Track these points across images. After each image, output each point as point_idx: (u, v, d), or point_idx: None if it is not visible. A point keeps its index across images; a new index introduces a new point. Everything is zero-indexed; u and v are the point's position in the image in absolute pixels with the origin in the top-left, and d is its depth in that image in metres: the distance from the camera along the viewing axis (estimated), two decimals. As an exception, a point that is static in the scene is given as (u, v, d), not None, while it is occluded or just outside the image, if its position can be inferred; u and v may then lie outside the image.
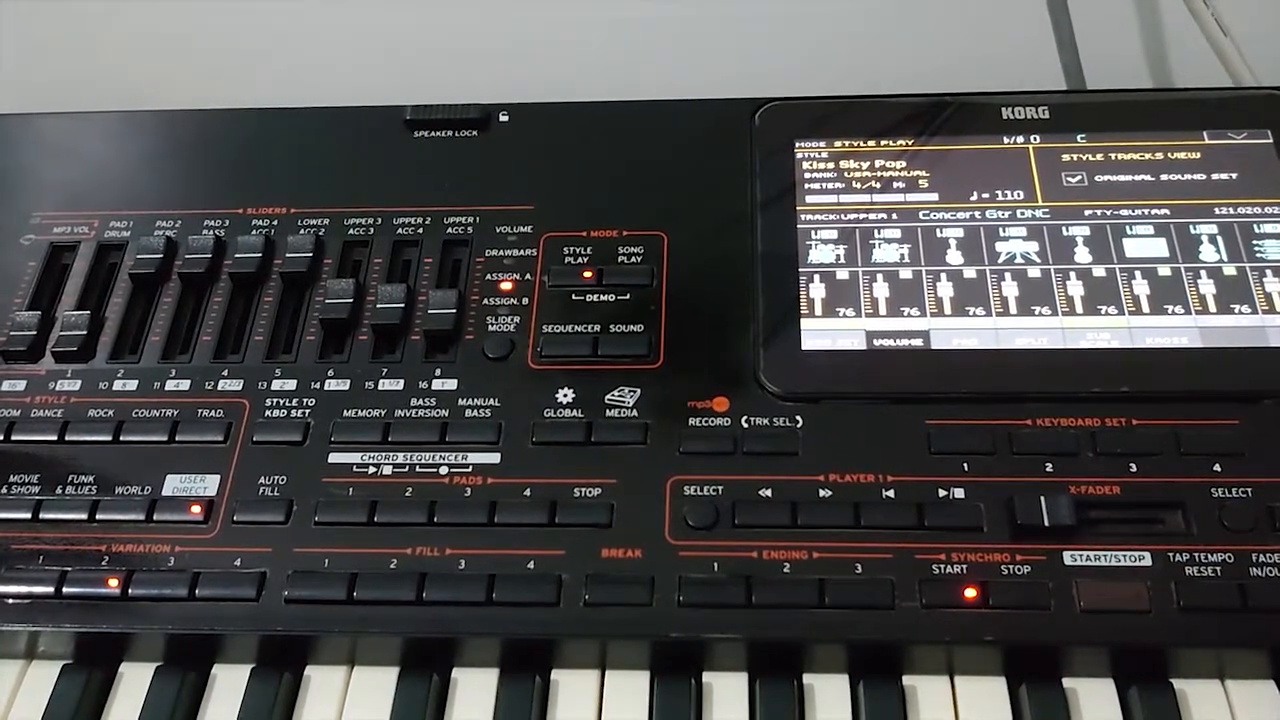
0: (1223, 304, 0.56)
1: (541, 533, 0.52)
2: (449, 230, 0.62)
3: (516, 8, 0.79)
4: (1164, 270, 0.58)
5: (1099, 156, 0.62)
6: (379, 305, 0.59)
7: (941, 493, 0.52)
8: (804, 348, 0.57)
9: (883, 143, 0.63)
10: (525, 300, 0.59)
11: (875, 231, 0.60)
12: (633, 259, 0.60)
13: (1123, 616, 0.49)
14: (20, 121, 0.69)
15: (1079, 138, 0.62)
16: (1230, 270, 0.58)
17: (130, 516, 0.54)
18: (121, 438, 0.56)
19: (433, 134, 0.66)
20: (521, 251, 0.61)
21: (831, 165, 0.63)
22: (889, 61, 0.78)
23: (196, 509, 0.54)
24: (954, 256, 0.59)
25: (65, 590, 0.52)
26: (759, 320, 0.58)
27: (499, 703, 0.50)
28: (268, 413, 0.56)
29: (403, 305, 0.59)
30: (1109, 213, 0.60)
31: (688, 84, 0.67)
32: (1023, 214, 0.60)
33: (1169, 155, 0.62)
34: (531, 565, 0.51)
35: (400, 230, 0.62)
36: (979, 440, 0.53)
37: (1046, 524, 0.50)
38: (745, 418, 0.55)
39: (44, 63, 0.83)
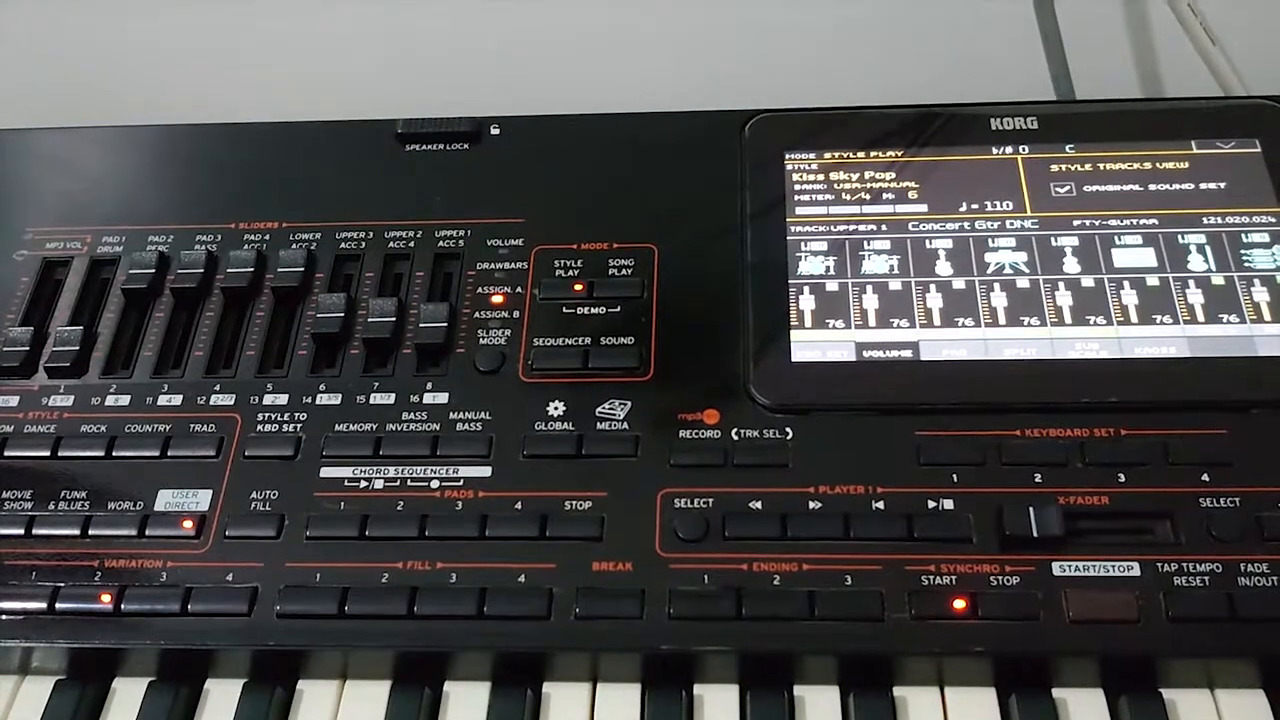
0: (1211, 314, 0.57)
1: (532, 546, 0.52)
2: (440, 244, 0.62)
3: (507, 21, 0.79)
4: (1152, 280, 0.58)
5: (1088, 167, 0.62)
6: (370, 319, 0.59)
7: (931, 504, 0.52)
8: (794, 359, 0.57)
9: (872, 154, 0.63)
10: (516, 313, 0.59)
11: (865, 243, 0.60)
12: (623, 271, 0.60)
13: (1112, 627, 0.49)
14: (13, 137, 0.69)
15: (1068, 148, 0.63)
16: (1218, 280, 0.58)
17: (122, 532, 0.54)
18: (114, 453, 0.56)
19: (424, 147, 0.66)
20: (512, 264, 0.61)
21: (821, 177, 0.63)
22: (879, 73, 0.78)
23: (188, 524, 0.54)
24: (943, 267, 0.59)
25: (58, 606, 0.52)
26: (749, 332, 0.58)
27: (490, 716, 0.50)
28: (259, 427, 0.57)
29: (394, 319, 0.59)
30: (1098, 223, 0.60)
31: (678, 96, 0.67)
32: (1012, 225, 0.60)
33: (1157, 165, 0.62)
34: (522, 579, 0.51)
35: (392, 244, 0.62)
36: (968, 451, 0.53)
37: (1035, 534, 0.50)
38: (735, 430, 0.55)
39: (36, 78, 0.83)
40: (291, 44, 0.81)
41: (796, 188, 0.62)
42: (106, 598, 0.52)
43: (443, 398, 0.57)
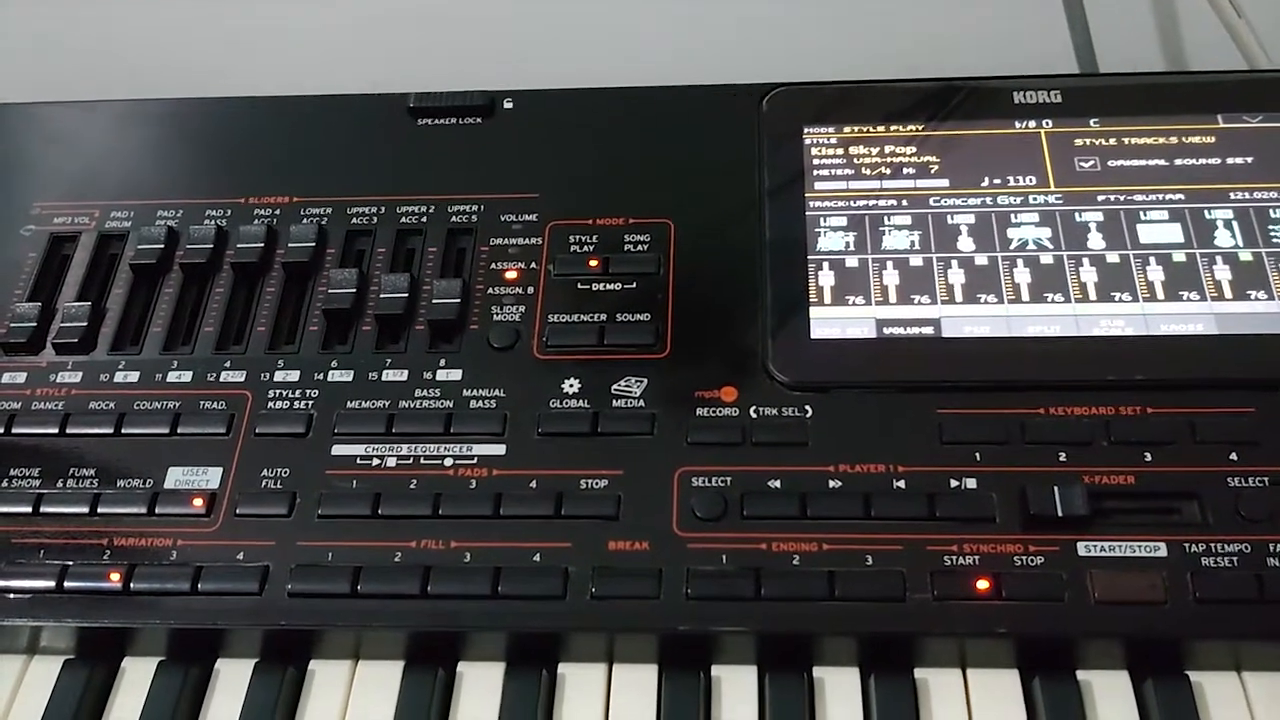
0: (1239, 290, 0.56)
1: (547, 525, 0.52)
2: (453, 219, 0.61)
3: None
4: (1179, 256, 0.57)
5: (1112, 141, 0.61)
6: (382, 295, 0.58)
7: (953, 483, 0.51)
8: (813, 336, 0.56)
9: (892, 128, 0.62)
10: (530, 289, 0.59)
11: (885, 218, 0.59)
12: (639, 247, 0.59)
13: (1138, 608, 0.48)
14: (20, 111, 0.68)
15: (1092, 122, 0.61)
16: (1246, 256, 0.57)
17: (132, 510, 0.53)
18: (123, 430, 0.55)
19: (436, 121, 0.65)
20: (527, 240, 0.60)
21: (841, 151, 0.62)
22: (899, 45, 0.77)
23: (199, 502, 0.53)
24: (965, 243, 0.58)
25: (66, 584, 0.52)
26: (767, 309, 0.57)
27: (505, 697, 0.50)
28: (270, 404, 0.56)
29: (406, 295, 0.58)
30: (1122, 198, 0.59)
31: (695, 69, 0.67)
32: (1035, 199, 0.59)
33: (1183, 139, 0.61)
34: (537, 558, 0.51)
35: (404, 219, 0.61)
36: (991, 429, 0.52)
37: (1060, 514, 0.50)
38: (754, 408, 0.54)
39: (44, 51, 0.83)
40: (302, 16, 0.80)
41: (815, 162, 0.61)
42: (115, 576, 0.51)
43: (456, 375, 0.56)
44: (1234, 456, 0.51)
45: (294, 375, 0.57)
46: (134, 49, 0.82)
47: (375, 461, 0.54)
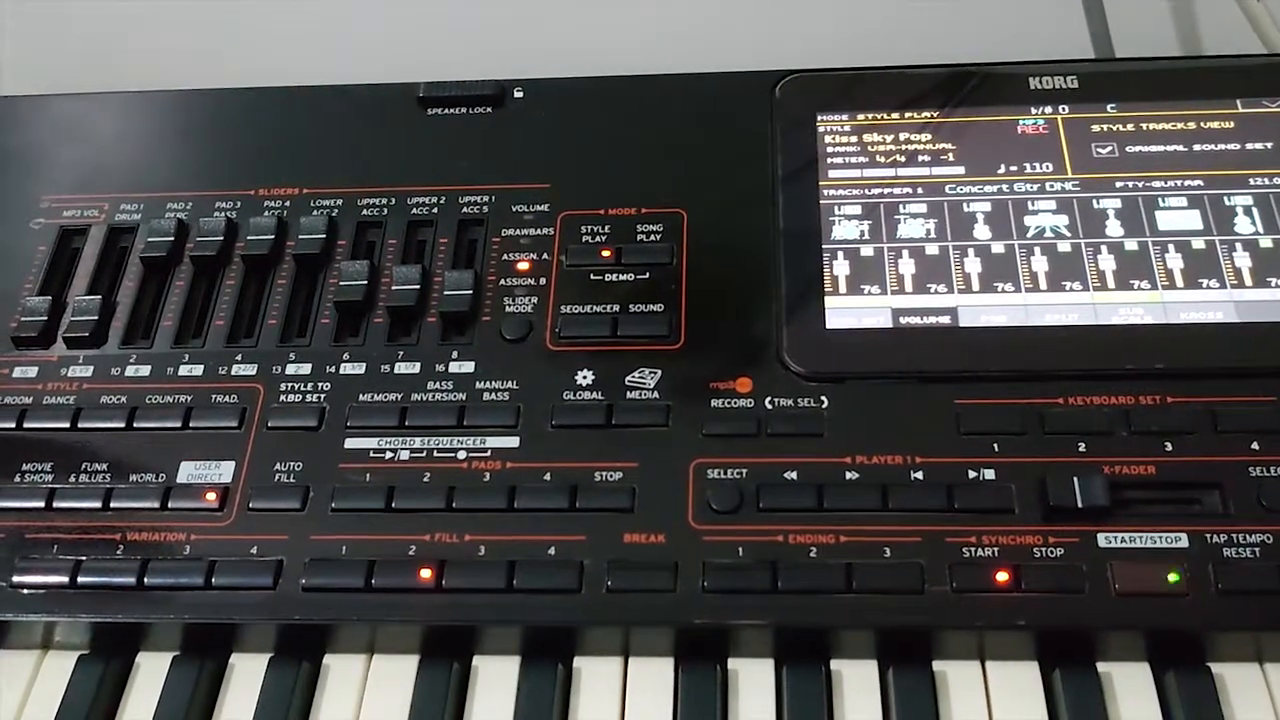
0: (1259, 277, 0.55)
1: (562, 518, 0.51)
2: (464, 210, 0.61)
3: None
4: (1198, 243, 0.56)
5: (1130, 127, 0.60)
6: (394, 287, 0.58)
7: (971, 474, 0.51)
8: (828, 326, 0.55)
9: (907, 115, 0.62)
10: (543, 280, 0.58)
11: (900, 206, 0.59)
12: (652, 237, 0.59)
13: (1159, 600, 0.48)
14: (29, 103, 0.68)
15: (1109, 108, 0.61)
16: (1266, 242, 0.56)
17: (145, 504, 0.53)
18: (135, 424, 0.55)
19: (447, 111, 0.64)
20: (538, 230, 0.60)
21: (855, 138, 0.61)
22: (913, 31, 0.76)
23: (212, 496, 0.53)
24: (981, 231, 0.57)
25: (80, 580, 0.51)
26: (782, 299, 0.56)
27: (520, 691, 0.49)
28: (282, 397, 0.56)
29: (418, 287, 0.58)
30: (1141, 184, 0.58)
31: (706, 56, 0.66)
32: (1052, 187, 0.58)
33: (1202, 125, 0.60)
34: (552, 551, 0.50)
35: (415, 210, 0.61)
36: (1009, 420, 0.52)
37: (1080, 505, 0.49)
38: (769, 399, 0.54)
39: (52, 43, 0.82)
40: (311, 6, 0.80)
41: (829, 150, 0.61)
42: (129, 571, 0.51)
43: (469, 367, 0.56)
44: (1255, 446, 0.51)
45: (306, 368, 0.56)
46: (143, 40, 0.81)
47: (388, 454, 0.54)
